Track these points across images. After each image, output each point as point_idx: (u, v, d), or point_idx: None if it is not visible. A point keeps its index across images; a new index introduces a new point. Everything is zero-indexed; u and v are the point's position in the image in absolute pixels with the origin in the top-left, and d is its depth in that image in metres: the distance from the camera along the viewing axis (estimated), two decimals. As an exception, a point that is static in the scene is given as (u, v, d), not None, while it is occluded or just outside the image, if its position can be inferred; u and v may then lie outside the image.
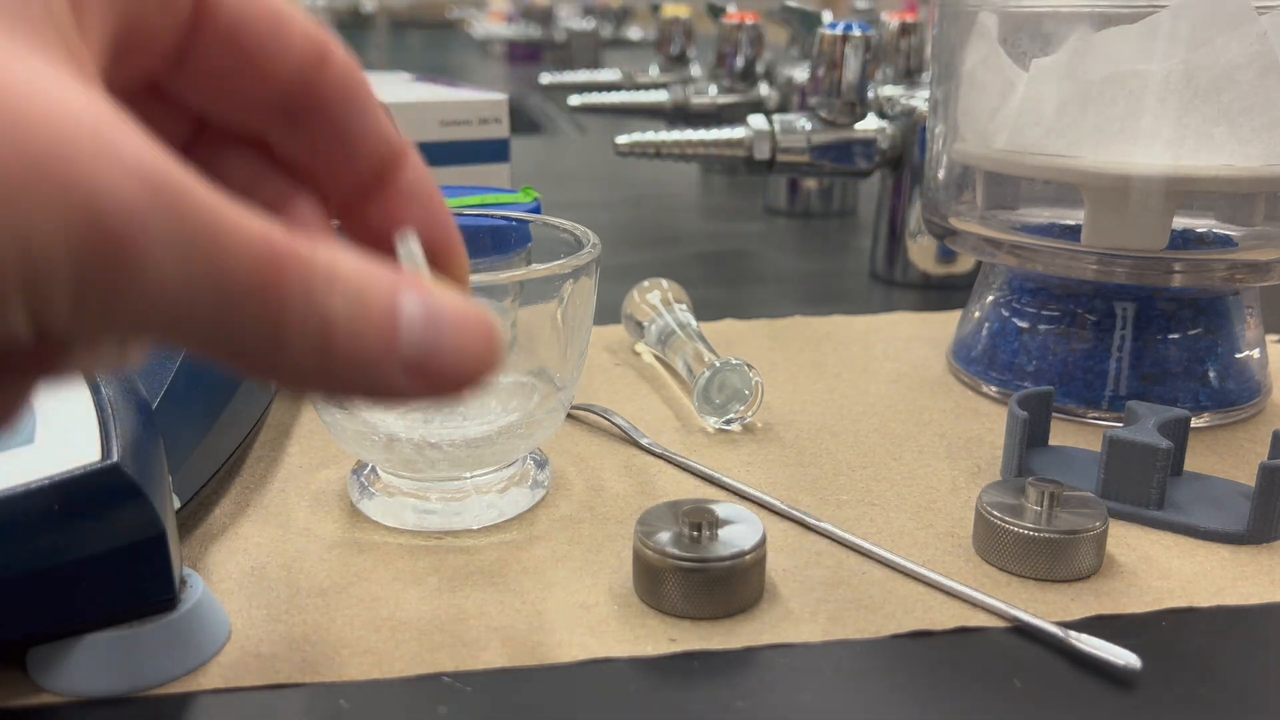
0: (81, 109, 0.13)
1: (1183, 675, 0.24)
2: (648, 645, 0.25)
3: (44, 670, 0.23)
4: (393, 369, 0.16)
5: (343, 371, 0.15)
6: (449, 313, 0.16)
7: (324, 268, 0.15)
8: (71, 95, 0.13)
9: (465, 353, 0.16)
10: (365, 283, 0.16)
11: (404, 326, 0.16)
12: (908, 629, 0.26)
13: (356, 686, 0.24)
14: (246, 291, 0.14)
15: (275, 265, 0.14)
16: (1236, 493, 0.32)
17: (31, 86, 0.13)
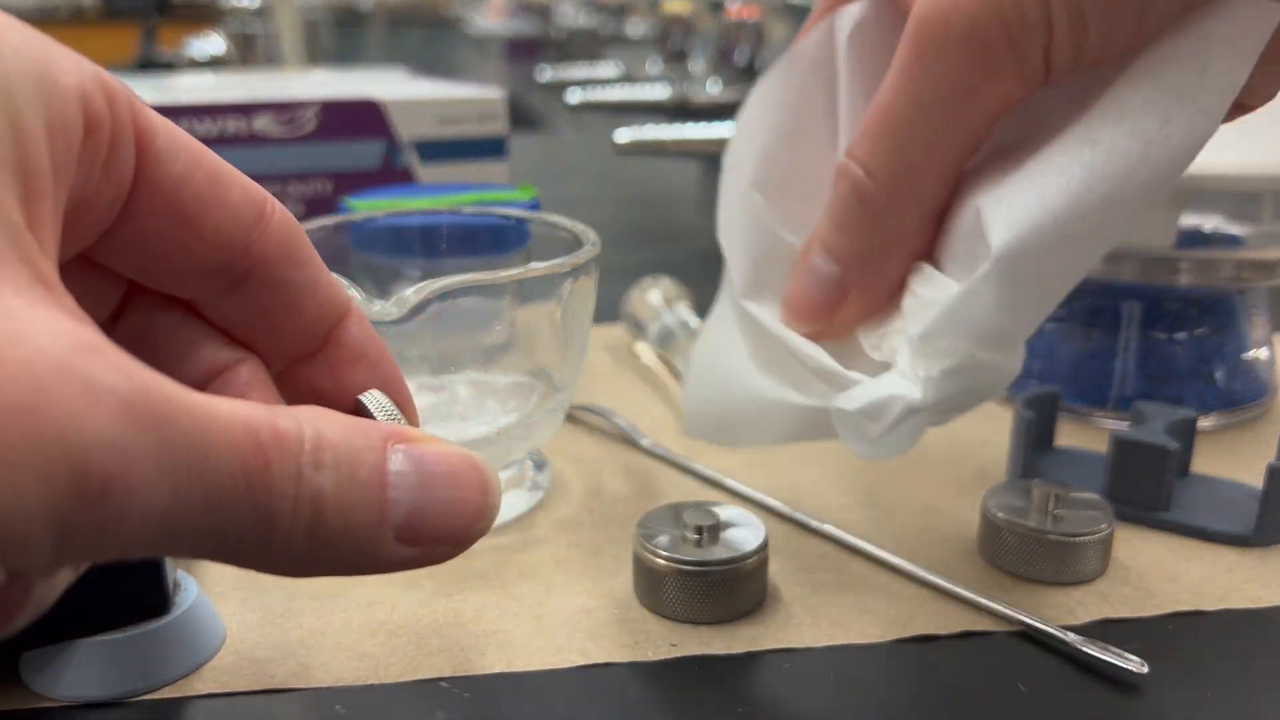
0: (57, 349, 0.12)
1: (1190, 679, 0.24)
2: (648, 650, 0.25)
3: (38, 675, 0.23)
4: (385, 537, 0.15)
5: (335, 548, 0.15)
6: (439, 465, 0.16)
7: (310, 441, 0.15)
8: (44, 336, 0.13)
9: (460, 505, 0.16)
10: (351, 447, 0.15)
11: (394, 485, 0.15)
12: (912, 633, 0.26)
13: (352, 691, 0.23)
14: (234, 488, 0.14)
15: (260, 454, 0.14)
16: (1244, 494, 0.32)
17: (6, 332, 0.12)
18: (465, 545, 0.16)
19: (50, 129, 0.15)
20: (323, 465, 0.15)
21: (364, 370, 0.20)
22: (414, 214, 0.36)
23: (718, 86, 0.83)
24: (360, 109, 0.50)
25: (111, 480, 0.12)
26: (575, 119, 1.30)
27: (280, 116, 0.48)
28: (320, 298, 0.19)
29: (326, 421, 0.15)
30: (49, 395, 0.12)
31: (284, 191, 0.49)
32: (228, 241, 0.18)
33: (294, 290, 0.19)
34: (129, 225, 0.17)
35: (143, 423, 0.13)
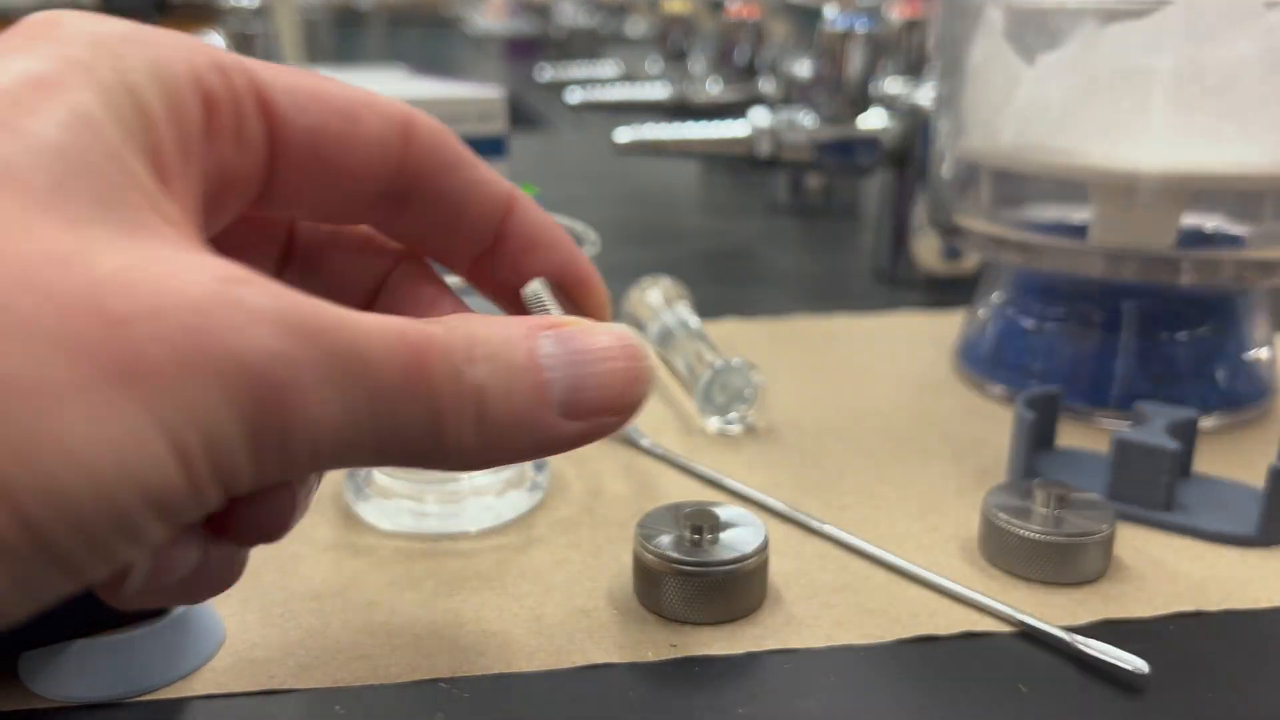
0: (206, 280, 0.13)
1: (1192, 680, 0.24)
2: (648, 651, 0.25)
3: (36, 676, 0.23)
4: (550, 416, 0.16)
5: (505, 435, 0.16)
6: (587, 342, 0.17)
7: (461, 340, 0.15)
8: (192, 271, 0.13)
9: (615, 377, 0.17)
10: (502, 338, 0.16)
11: (547, 368, 0.16)
12: (913, 634, 0.26)
13: (351, 692, 0.23)
14: (399, 391, 0.15)
15: (417, 357, 0.15)
16: (1245, 495, 0.32)
17: (158, 272, 0.13)
18: (628, 413, 0.17)
19: (171, 112, 0.15)
20: (476, 360, 0.15)
21: (541, 256, 0.20)
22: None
23: (718, 86, 0.83)
24: (360, 108, 0.49)
25: (285, 388, 0.13)
26: (575, 118, 1.30)
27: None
28: (481, 196, 0.19)
29: (475, 322, 0.16)
30: (211, 316, 0.13)
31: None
32: (377, 171, 0.18)
33: (455, 196, 0.19)
34: (279, 181, 0.18)
35: (302, 335, 0.14)
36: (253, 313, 0.13)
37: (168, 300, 0.13)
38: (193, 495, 0.13)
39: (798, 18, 0.88)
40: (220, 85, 0.16)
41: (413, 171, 0.19)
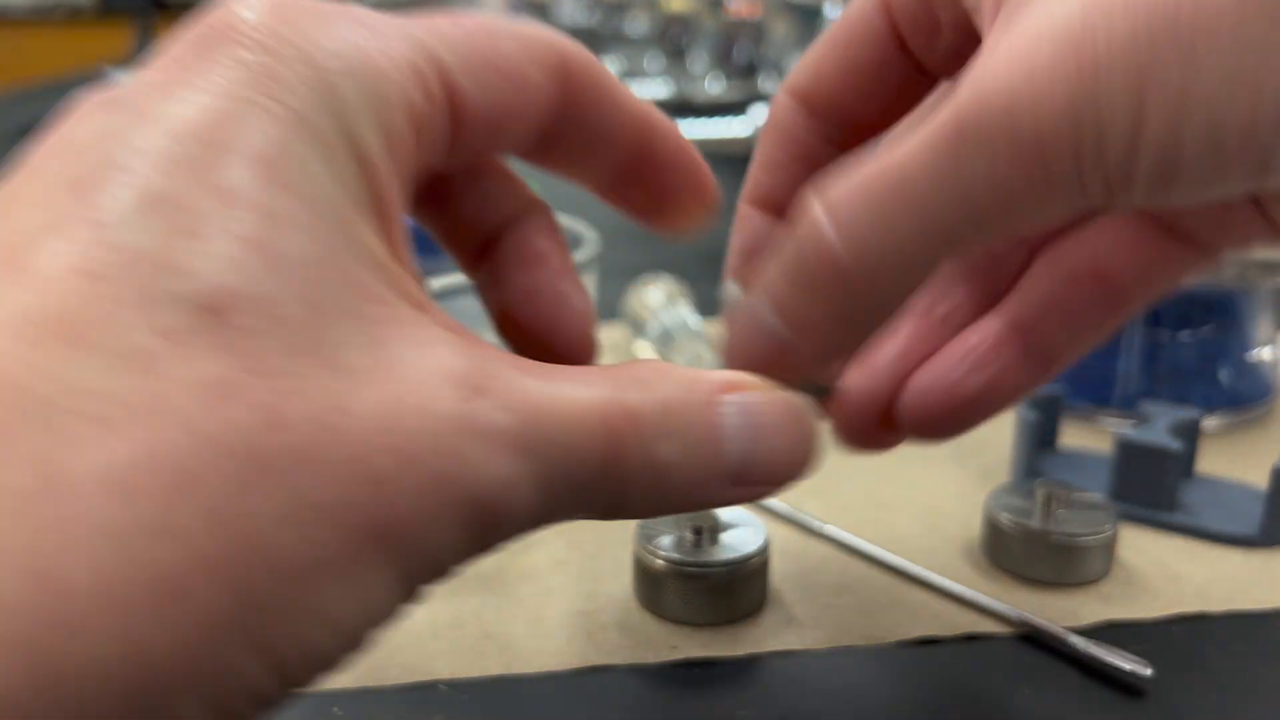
0: (448, 399, 0.14)
1: (1194, 682, 0.24)
2: (648, 653, 0.25)
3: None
4: (719, 484, 0.17)
5: (673, 500, 0.17)
6: (769, 415, 0.17)
7: (654, 415, 0.16)
8: (433, 385, 0.14)
9: (786, 454, 0.17)
10: (690, 408, 0.16)
11: (727, 441, 0.16)
12: (914, 636, 0.26)
13: (350, 694, 0.23)
14: (594, 476, 0.15)
15: (615, 443, 0.15)
16: (1248, 495, 0.32)
17: (408, 401, 0.14)
18: (788, 486, 0.18)
19: (390, 152, 0.15)
20: (666, 435, 0.16)
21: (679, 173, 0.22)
22: (413, 212, 0.36)
23: (718, 84, 0.83)
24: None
25: (500, 510, 0.14)
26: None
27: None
28: (624, 121, 0.20)
29: (666, 385, 0.16)
30: (456, 457, 0.14)
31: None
32: (538, 124, 0.18)
33: (601, 125, 0.19)
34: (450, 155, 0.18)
35: (527, 452, 0.14)
36: (493, 442, 0.14)
37: (419, 444, 0.14)
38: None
39: (798, 16, 0.88)
40: (424, 103, 0.16)
41: (566, 114, 0.19)
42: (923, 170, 0.17)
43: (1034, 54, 0.16)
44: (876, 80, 0.22)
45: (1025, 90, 0.16)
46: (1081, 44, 0.15)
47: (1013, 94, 0.16)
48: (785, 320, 0.19)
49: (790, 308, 0.19)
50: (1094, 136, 0.15)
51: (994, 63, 0.16)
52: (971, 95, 0.16)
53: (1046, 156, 0.16)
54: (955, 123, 0.16)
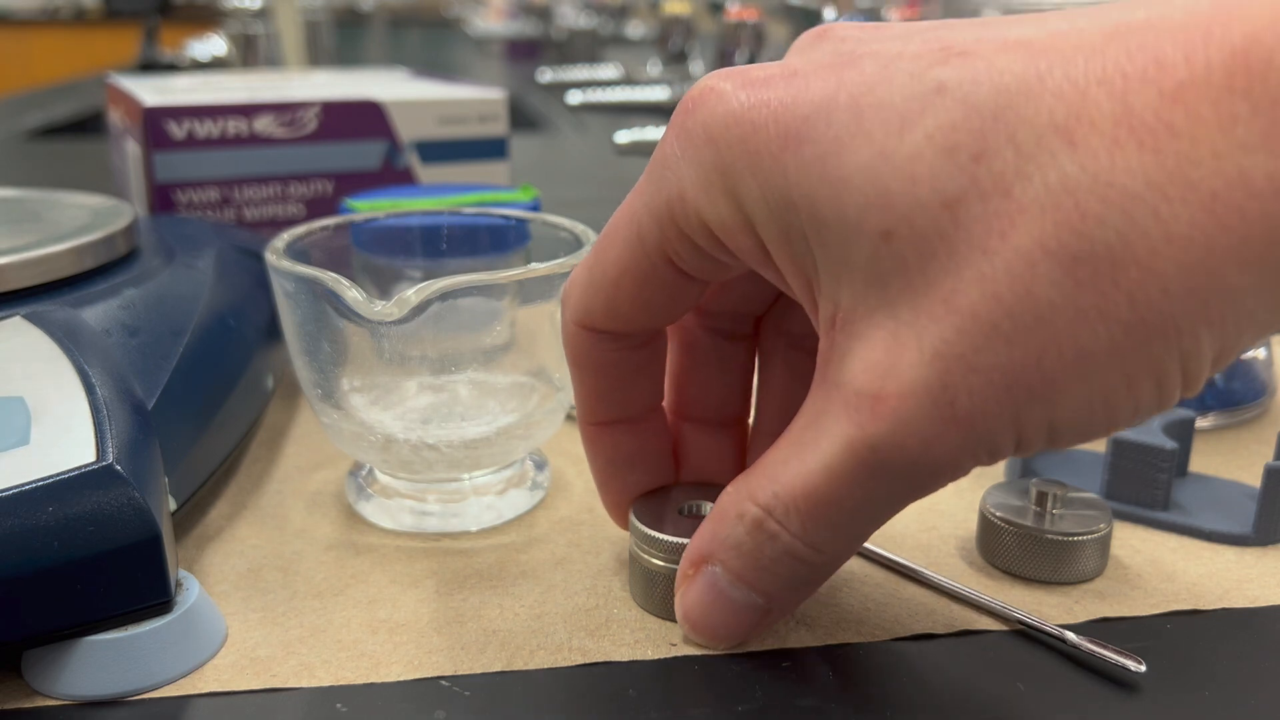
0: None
1: (1188, 678, 0.24)
2: (648, 649, 0.25)
3: (39, 673, 0.23)
4: None
5: None
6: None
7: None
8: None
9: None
10: None
11: None
12: (910, 632, 0.26)
13: (353, 690, 0.24)
14: None
15: None
16: (1242, 494, 0.32)
17: None
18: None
19: None
20: None
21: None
22: (415, 214, 0.36)
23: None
24: (361, 110, 0.50)
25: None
26: (575, 120, 1.30)
27: (281, 117, 0.48)
28: None
29: None
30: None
31: (285, 192, 0.49)
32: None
33: None
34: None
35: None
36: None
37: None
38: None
39: (797, 19, 0.88)
40: None
41: None
42: (847, 494, 0.20)
43: (904, 410, 0.19)
44: (661, 302, 0.24)
45: (914, 443, 0.19)
46: (952, 403, 0.19)
47: (901, 445, 0.19)
48: (763, 592, 0.23)
49: (761, 584, 0.23)
50: (987, 454, 0.19)
51: (866, 405, 0.19)
52: (859, 436, 0.20)
53: (949, 473, 0.20)
54: (855, 461, 0.20)
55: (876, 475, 0.20)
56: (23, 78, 3.24)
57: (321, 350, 0.29)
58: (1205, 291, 0.17)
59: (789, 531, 0.22)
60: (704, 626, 0.24)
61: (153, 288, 0.33)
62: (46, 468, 0.23)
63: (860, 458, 0.20)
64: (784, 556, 0.22)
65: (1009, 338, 0.18)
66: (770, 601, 0.23)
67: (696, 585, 0.24)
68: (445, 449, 0.30)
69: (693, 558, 0.24)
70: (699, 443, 0.28)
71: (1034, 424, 0.19)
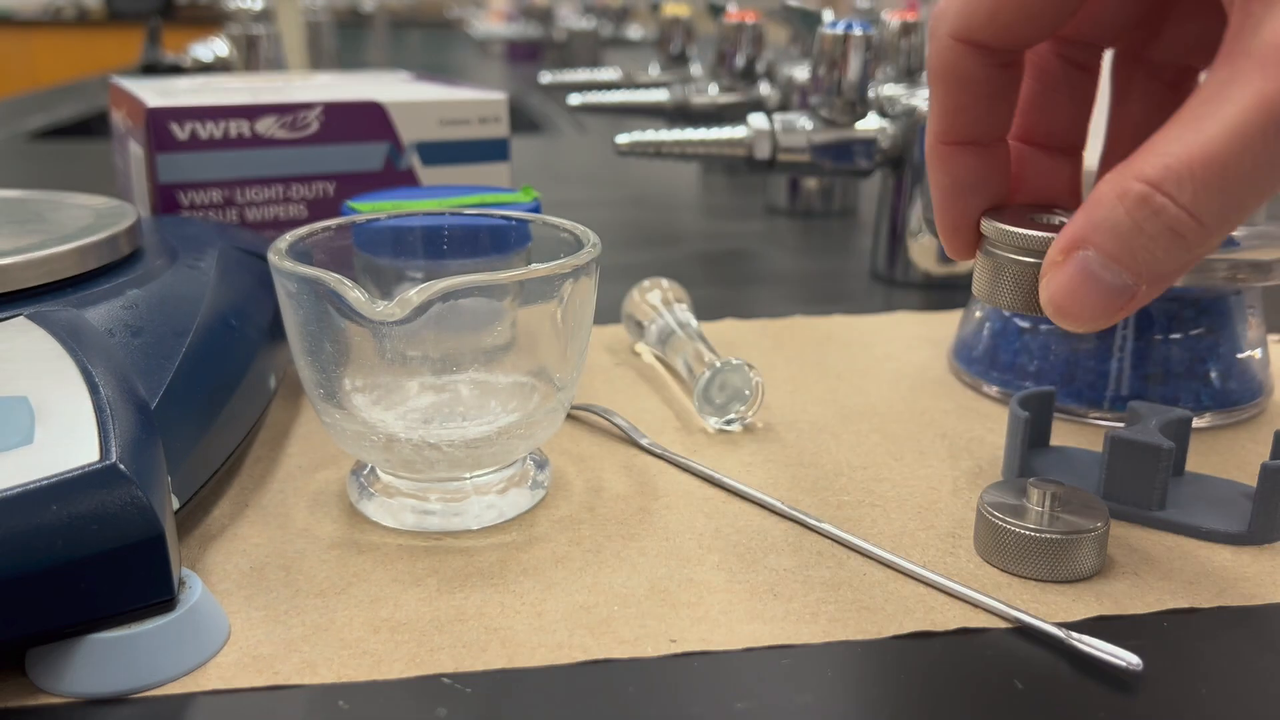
0: None
1: (1184, 676, 0.24)
2: (648, 646, 0.25)
3: (43, 671, 0.23)
4: None
5: None
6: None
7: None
8: None
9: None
10: None
11: None
12: (909, 630, 0.26)
13: (355, 687, 0.24)
14: None
15: None
16: (1238, 493, 0.32)
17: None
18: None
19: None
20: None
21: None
22: (416, 215, 0.36)
23: (717, 89, 0.83)
24: (363, 111, 0.50)
25: None
26: (576, 121, 1.30)
27: (283, 119, 0.48)
28: None
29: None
30: None
31: (287, 193, 0.49)
32: None
33: None
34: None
35: None
36: None
37: None
38: None
39: (796, 21, 0.88)
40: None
41: None
42: (1252, 155, 0.20)
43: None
44: (1039, 8, 0.24)
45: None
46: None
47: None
48: (1131, 271, 0.22)
49: (1136, 263, 0.22)
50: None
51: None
52: (1274, 90, 0.20)
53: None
54: (1267, 114, 0.20)
55: (1270, 141, 0.20)
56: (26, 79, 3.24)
57: (324, 350, 0.29)
58: None
59: (1176, 203, 0.21)
60: (1070, 309, 0.24)
61: (156, 288, 0.34)
62: (50, 467, 0.23)
63: (1273, 112, 0.20)
64: (1166, 232, 0.22)
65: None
66: (1141, 281, 0.23)
67: (1066, 270, 0.23)
68: (447, 448, 0.30)
69: (1064, 245, 0.23)
70: (1039, 167, 0.28)
71: None
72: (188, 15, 3.87)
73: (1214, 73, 0.21)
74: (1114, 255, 0.23)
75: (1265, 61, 0.20)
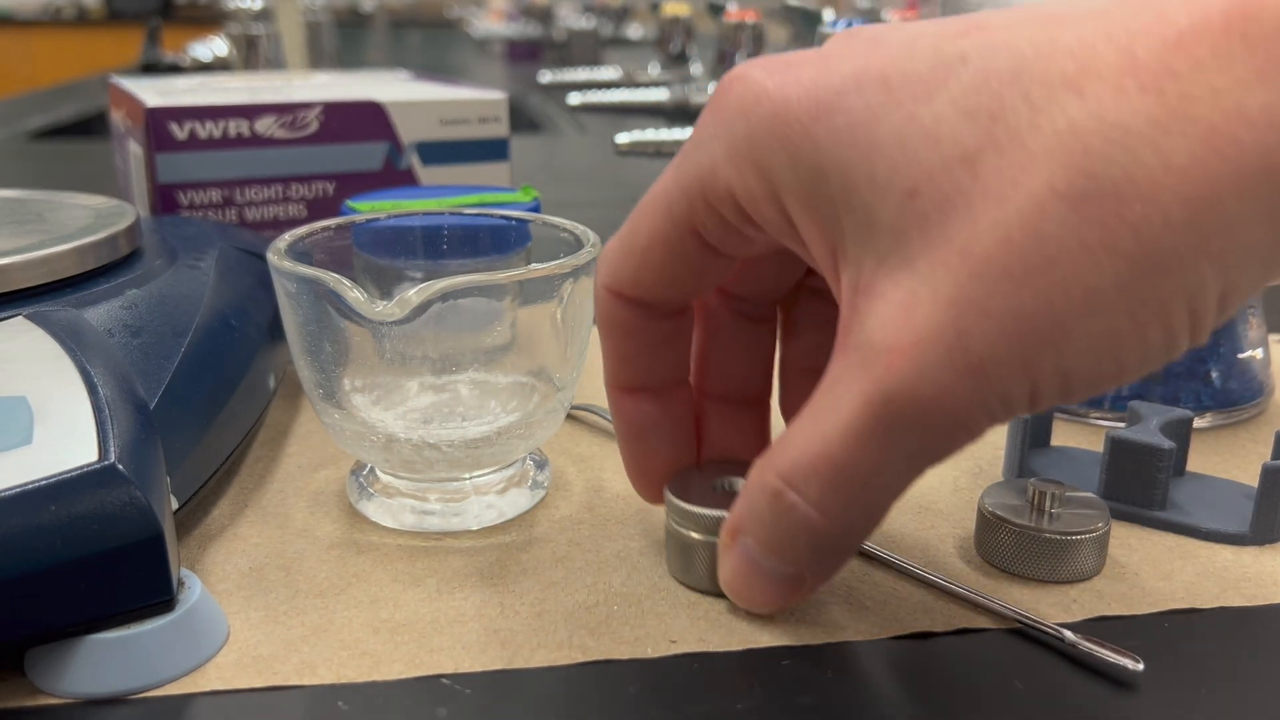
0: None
1: (1185, 677, 0.24)
2: (648, 647, 0.25)
3: (42, 672, 0.23)
4: None
5: None
6: None
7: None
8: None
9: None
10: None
11: None
12: (909, 630, 0.26)
13: (355, 688, 0.24)
14: None
15: None
16: (1239, 493, 0.32)
17: None
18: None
19: None
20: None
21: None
22: (416, 215, 0.36)
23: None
24: (362, 111, 0.50)
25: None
26: (575, 121, 1.30)
27: (283, 118, 0.48)
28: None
29: None
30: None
31: (286, 193, 0.49)
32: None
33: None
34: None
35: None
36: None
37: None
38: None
39: (797, 21, 0.88)
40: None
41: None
42: (862, 455, 0.21)
43: (920, 357, 0.19)
44: (686, 275, 0.25)
45: (929, 392, 0.19)
46: (966, 350, 0.19)
47: (915, 396, 0.19)
48: (792, 562, 0.23)
49: (793, 555, 0.23)
50: (1000, 406, 0.20)
51: (881, 359, 0.20)
52: (882, 394, 0.20)
53: (964, 428, 0.20)
54: (871, 417, 0.20)
55: (892, 432, 0.20)
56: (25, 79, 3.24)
57: (323, 350, 0.29)
58: (1206, 222, 0.18)
59: (806, 500, 0.22)
60: (744, 596, 0.25)
61: (155, 288, 0.34)
62: (49, 467, 0.23)
63: (876, 413, 0.20)
64: (802, 527, 0.22)
65: (1020, 280, 0.18)
66: (801, 571, 0.23)
67: (733, 556, 0.24)
68: (446, 448, 0.30)
69: (729, 529, 0.24)
70: (722, 419, 0.29)
71: (1045, 371, 0.19)
72: (187, 15, 3.87)
73: (831, 366, 0.21)
74: (767, 546, 0.23)
75: (867, 361, 0.20)
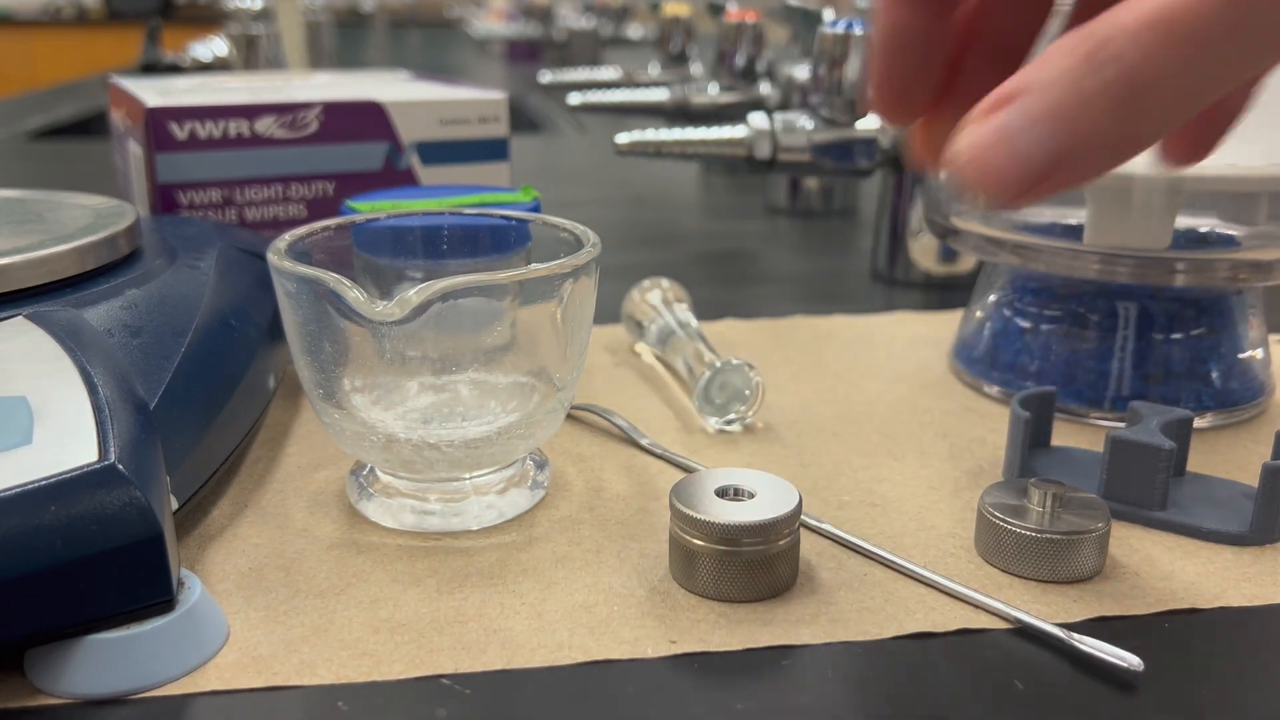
0: None
1: (1185, 677, 0.24)
2: (648, 647, 0.25)
3: (42, 672, 0.23)
4: None
5: None
6: None
7: None
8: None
9: None
10: None
11: None
12: (909, 630, 0.26)
13: (355, 688, 0.24)
14: None
15: None
16: (1239, 493, 0.32)
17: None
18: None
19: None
20: None
21: None
22: (416, 215, 0.36)
23: (717, 89, 0.83)
24: (362, 111, 0.50)
25: None
26: (575, 121, 1.30)
27: (283, 118, 0.48)
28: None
29: None
30: None
31: (286, 193, 0.49)
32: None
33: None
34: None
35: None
36: None
37: None
38: None
39: (797, 21, 0.88)
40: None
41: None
42: (1215, 15, 0.18)
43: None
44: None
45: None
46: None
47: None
48: (1059, 134, 0.20)
49: (1065, 128, 0.20)
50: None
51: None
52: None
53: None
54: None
55: (1240, 7, 0.18)
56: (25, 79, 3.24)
57: (323, 350, 0.29)
58: None
59: (1123, 61, 0.19)
60: (978, 162, 0.21)
61: (155, 288, 0.34)
62: (49, 467, 0.23)
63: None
64: (1104, 93, 0.19)
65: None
66: (1063, 153, 0.20)
67: (984, 126, 0.21)
68: (446, 448, 0.30)
69: (999, 95, 0.21)
70: (978, 65, 0.26)
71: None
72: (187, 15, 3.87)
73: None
74: (1044, 111, 0.20)
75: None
